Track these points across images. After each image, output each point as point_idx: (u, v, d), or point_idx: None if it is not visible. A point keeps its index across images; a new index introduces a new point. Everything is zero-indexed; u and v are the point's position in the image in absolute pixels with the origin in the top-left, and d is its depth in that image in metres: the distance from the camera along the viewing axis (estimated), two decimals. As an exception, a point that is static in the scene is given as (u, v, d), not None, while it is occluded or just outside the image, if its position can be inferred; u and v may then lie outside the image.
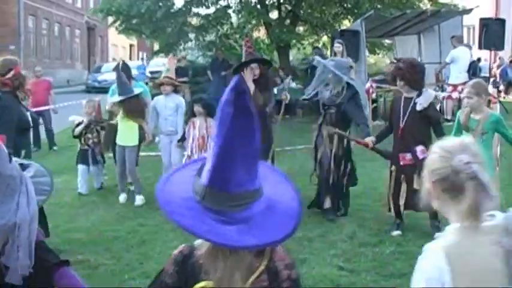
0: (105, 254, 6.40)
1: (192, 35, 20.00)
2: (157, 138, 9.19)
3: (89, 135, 9.19)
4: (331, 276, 5.59)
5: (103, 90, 31.17)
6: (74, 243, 6.80)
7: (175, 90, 9.04)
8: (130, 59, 50.33)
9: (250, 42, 8.70)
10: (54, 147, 13.88)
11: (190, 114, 8.51)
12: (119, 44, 53.25)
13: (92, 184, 9.46)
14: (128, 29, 20.23)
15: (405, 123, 6.74)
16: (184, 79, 18.97)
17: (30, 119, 6.76)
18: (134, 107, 8.54)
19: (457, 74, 14.51)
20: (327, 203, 7.58)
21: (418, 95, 6.69)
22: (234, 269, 2.00)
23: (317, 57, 9.70)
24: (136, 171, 8.76)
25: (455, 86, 14.38)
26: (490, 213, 2.15)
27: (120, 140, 8.72)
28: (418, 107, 6.64)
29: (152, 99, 9.51)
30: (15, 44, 32.54)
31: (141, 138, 8.74)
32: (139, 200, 8.57)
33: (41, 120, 13.59)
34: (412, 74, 6.69)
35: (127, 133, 8.63)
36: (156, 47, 24.13)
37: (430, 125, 6.72)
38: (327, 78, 7.60)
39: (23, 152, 6.31)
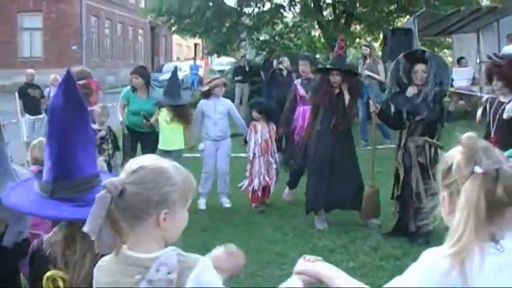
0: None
1: (243, 35, 19.84)
2: (201, 145, 8.59)
3: (105, 146, 7.92)
4: (341, 292, 5.27)
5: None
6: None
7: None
8: (195, 58, 50.64)
9: (344, 42, 7.98)
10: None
11: (250, 118, 8.34)
12: (183, 44, 53.59)
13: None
14: (181, 29, 20.25)
15: (495, 133, 5.95)
16: (239, 78, 18.86)
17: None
18: (186, 111, 8.25)
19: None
20: (412, 226, 6.51)
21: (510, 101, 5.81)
22: (86, 251, 2.21)
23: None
24: None
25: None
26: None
27: (164, 145, 8.14)
28: (505, 115, 5.83)
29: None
30: (77, 44, 33.24)
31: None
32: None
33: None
34: None
35: (173, 137, 8.16)
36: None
37: None
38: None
39: None
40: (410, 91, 6.57)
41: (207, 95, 8.52)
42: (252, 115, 8.30)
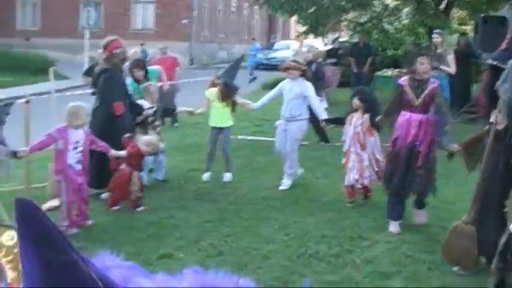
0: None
1: (333, 16, 19.03)
2: (277, 122, 8.86)
3: (157, 123, 8.47)
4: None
5: (270, 67, 31.48)
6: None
7: (303, 75, 8.56)
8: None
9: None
10: (175, 124, 14.01)
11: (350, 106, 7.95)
12: (304, 21, 52.91)
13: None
14: (274, 7, 19.74)
15: None
16: (332, 60, 18.17)
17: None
18: (231, 94, 8.77)
19: None
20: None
21: None
22: None
23: None
24: (229, 150, 9.01)
25: None
26: None
27: (214, 122, 8.89)
28: None
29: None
30: (188, 18, 33.67)
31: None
32: (228, 176, 8.85)
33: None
34: None
35: (222, 115, 8.84)
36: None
37: None
38: None
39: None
40: None
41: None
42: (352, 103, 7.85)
